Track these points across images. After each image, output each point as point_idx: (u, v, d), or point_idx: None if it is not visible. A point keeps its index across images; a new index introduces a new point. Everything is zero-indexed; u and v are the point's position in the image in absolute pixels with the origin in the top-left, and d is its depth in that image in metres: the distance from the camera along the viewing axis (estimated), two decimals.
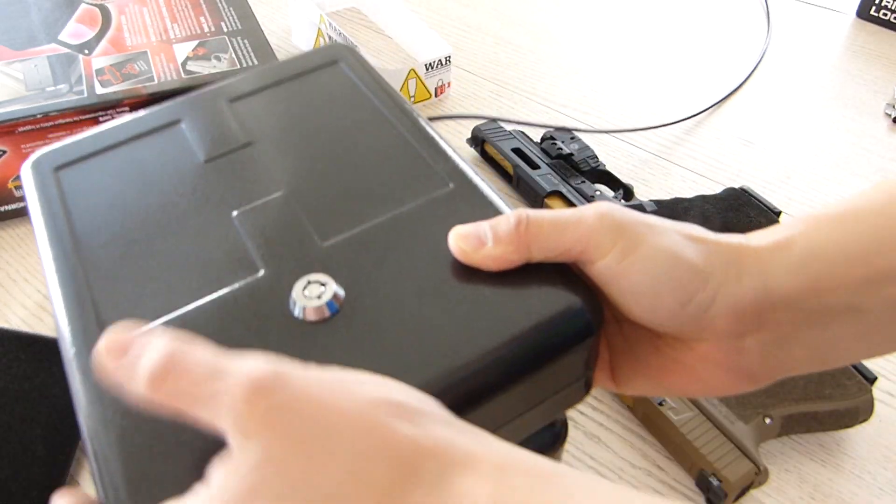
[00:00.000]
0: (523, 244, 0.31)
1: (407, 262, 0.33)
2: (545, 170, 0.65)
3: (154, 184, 0.39)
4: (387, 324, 0.31)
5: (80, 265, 0.35)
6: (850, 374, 0.47)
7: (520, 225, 0.31)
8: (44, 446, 0.44)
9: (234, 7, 0.74)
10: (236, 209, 0.37)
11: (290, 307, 0.32)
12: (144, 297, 0.33)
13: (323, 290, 0.32)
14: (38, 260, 0.59)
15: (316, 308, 0.31)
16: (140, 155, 0.41)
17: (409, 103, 0.43)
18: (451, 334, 0.30)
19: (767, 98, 0.80)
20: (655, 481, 0.46)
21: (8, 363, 0.47)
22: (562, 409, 0.35)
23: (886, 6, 0.90)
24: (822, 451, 0.48)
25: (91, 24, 0.69)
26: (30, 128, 0.58)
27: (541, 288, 0.32)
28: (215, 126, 0.42)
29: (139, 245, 0.36)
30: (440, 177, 0.38)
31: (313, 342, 0.30)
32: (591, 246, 0.30)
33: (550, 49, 0.88)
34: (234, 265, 0.34)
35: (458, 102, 0.78)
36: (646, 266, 0.30)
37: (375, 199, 0.37)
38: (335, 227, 0.36)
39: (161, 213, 0.37)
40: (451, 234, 0.33)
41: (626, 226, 0.30)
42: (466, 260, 0.32)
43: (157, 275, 0.34)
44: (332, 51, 0.47)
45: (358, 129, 0.41)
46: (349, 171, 0.39)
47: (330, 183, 0.38)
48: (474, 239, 0.32)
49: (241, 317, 0.32)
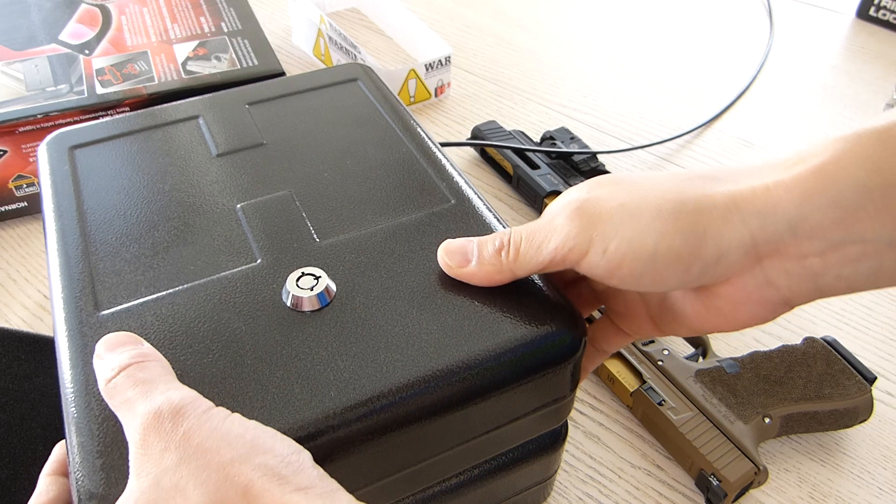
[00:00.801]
0: (505, 269, 0.32)
1: (400, 268, 0.34)
2: (545, 170, 0.65)
3: (165, 170, 0.40)
4: (373, 323, 0.32)
5: (83, 238, 0.36)
6: (849, 374, 0.47)
7: (502, 249, 0.32)
8: (44, 446, 0.44)
9: (234, 7, 0.74)
10: (241, 202, 0.38)
11: (282, 296, 0.33)
12: (142, 273, 0.34)
13: (316, 282, 0.33)
14: (40, 257, 0.59)
15: (307, 299, 0.32)
16: (155, 143, 0.42)
17: (419, 124, 0.44)
18: (434, 341, 0.31)
19: (768, 99, 0.80)
20: (655, 481, 0.46)
21: (8, 363, 0.47)
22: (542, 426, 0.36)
23: (886, 6, 0.90)
24: (822, 451, 0.48)
25: (91, 25, 0.69)
26: (30, 128, 0.58)
27: (525, 306, 0.32)
28: (231, 124, 0.43)
29: (143, 225, 0.37)
30: (442, 193, 0.39)
31: (300, 331, 0.31)
32: (568, 252, 0.30)
33: (550, 49, 0.88)
34: (232, 253, 0.35)
35: (458, 102, 0.78)
36: (633, 251, 0.29)
37: (377, 208, 0.38)
38: (334, 229, 0.36)
39: (168, 198, 0.38)
40: (440, 248, 0.34)
41: (598, 217, 0.30)
42: (451, 274, 0.33)
43: (157, 254, 0.35)
44: (352, 69, 0.49)
45: (368, 142, 0.43)
46: (355, 179, 0.40)
47: (334, 188, 0.39)
48: (459, 256, 0.33)
49: (233, 300, 0.32)
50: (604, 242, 0.30)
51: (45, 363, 0.47)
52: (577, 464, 0.47)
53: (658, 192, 0.30)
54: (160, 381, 0.27)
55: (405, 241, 0.36)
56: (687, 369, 0.48)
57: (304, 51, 0.84)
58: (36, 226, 0.62)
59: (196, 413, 0.25)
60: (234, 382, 0.29)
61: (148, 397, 0.26)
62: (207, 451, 0.24)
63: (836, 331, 0.56)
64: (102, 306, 0.32)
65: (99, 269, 0.34)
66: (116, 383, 0.27)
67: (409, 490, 0.34)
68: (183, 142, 0.42)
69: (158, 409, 0.25)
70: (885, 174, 0.26)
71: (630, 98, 0.80)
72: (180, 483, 0.23)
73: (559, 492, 0.46)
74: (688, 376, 0.48)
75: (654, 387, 0.48)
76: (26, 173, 0.60)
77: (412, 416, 0.29)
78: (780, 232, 0.28)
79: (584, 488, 0.46)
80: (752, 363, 0.48)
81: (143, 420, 0.25)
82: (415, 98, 0.77)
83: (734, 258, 0.29)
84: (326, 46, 0.79)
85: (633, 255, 0.29)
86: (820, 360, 0.48)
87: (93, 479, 0.27)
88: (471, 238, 0.34)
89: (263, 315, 0.32)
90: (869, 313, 0.57)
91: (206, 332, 0.31)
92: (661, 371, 0.48)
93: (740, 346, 0.54)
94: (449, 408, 0.30)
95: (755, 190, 0.28)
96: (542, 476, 0.40)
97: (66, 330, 0.32)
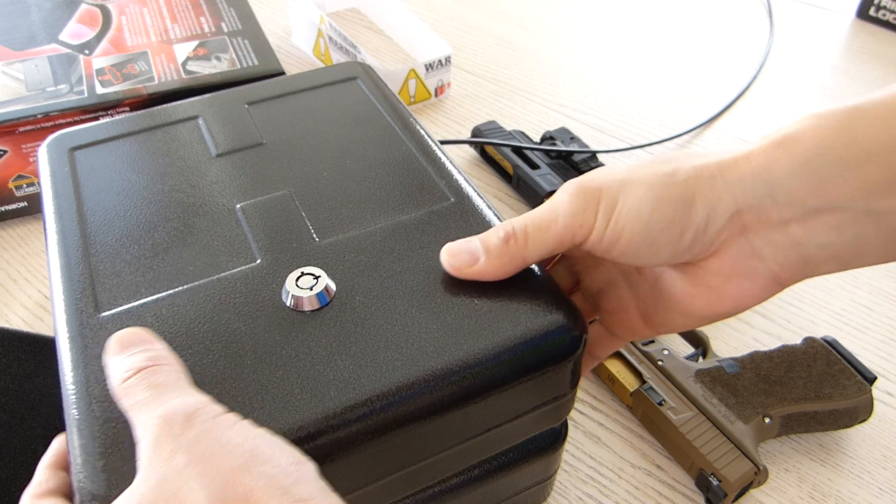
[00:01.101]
0: (517, 256, 0.32)
1: (400, 267, 0.34)
2: (545, 170, 0.65)
3: (165, 171, 0.40)
4: (373, 322, 0.32)
5: (83, 239, 0.36)
6: (849, 374, 0.47)
7: (508, 239, 0.32)
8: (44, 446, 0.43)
9: (234, 7, 0.74)
10: (241, 202, 0.38)
11: (281, 296, 0.33)
12: (142, 274, 0.34)
13: (315, 282, 0.33)
14: (40, 257, 0.59)
15: (307, 298, 0.32)
16: (155, 144, 0.42)
17: (419, 122, 0.44)
18: (434, 339, 0.31)
19: (768, 99, 0.80)
20: (655, 481, 0.46)
21: (8, 363, 0.47)
22: (542, 425, 0.36)
23: (886, 6, 0.90)
24: (822, 451, 0.48)
25: (91, 25, 0.69)
26: (30, 128, 0.58)
27: (527, 303, 0.32)
28: (230, 124, 0.43)
29: (143, 226, 0.37)
30: (442, 191, 0.39)
31: (300, 330, 0.31)
32: (576, 228, 0.31)
33: (550, 49, 0.88)
34: (232, 253, 0.35)
35: (458, 102, 0.78)
36: (630, 221, 0.31)
37: (376, 207, 0.38)
38: (333, 228, 0.36)
39: (168, 199, 0.38)
40: (442, 252, 0.34)
41: (600, 191, 0.31)
42: (460, 275, 0.33)
43: (156, 255, 0.35)
44: (351, 68, 0.49)
45: (368, 141, 0.42)
46: (355, 178, 0.40)
47: (334, 187, 0.39)
48: (465, 255, 0.33)
49: (233, 301, 0.32)
50: (606, 215, 0.31)
51: (45, 363, 0.47)
52: (577, 464, 0.47)
53: (651, 168, 0.31)
54: (174, 386, 0.27)
55: (405, 239, 0.36)
56: (687, 369, 0.48)
57: (304, 51, 0.84)
58: (36, 226, 0.62)
59: (205, 419, 0.25)
60: (233, 383, 0.29)
61: (161, 400, 0.26)
62: (212, 458, 0.24)
63: (836, 331, 0.56)
64: (103, 307, 0.33)
65: (99, 271, 0.34)
66: (130, 384, 0.27)
67: (409, 489, 0.34)
68: (182, 142, 0.42)
69: (171, 413, 0.25)
70: (859, 144, 0.28)
71: (630, 98, 0.80)
72: (186, 485, 0.23)
73: (559, 492, 0.46)
74: (688, 376, 0.48)
75: (654, 387, 0.48)
76: (26, 173, 0.60)
77: (413, 416, 0.29)
78: (760, 197, 0.29)
79: (584, 488, 0.46)
80: (752, 363, 0.48)
81: (156, 422, 0.25)
82: (415, 98, 0.77)
83: (720, 223, 0.30)
84: (326, 46, 0.79)
85: (632, 226, 0.31)
86: (820, 360, 0.48)
87: (94, 480, 0.27)
88: (470, 238, 0.34)
89: (263, 315, 0.32)
90: (869, 313, 0.57)
91: (206, 333, 0.31)
92: (661, 371, 0.48)
93: (740, 346, 0.54)
94: (449, 407, 0.30)
95: (737, 159, 0.30)
96: (542, 476, 0.40)
97: (67, 331, 0.32)
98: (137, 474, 0.25)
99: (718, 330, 0.55)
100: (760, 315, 0.57)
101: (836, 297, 0.59)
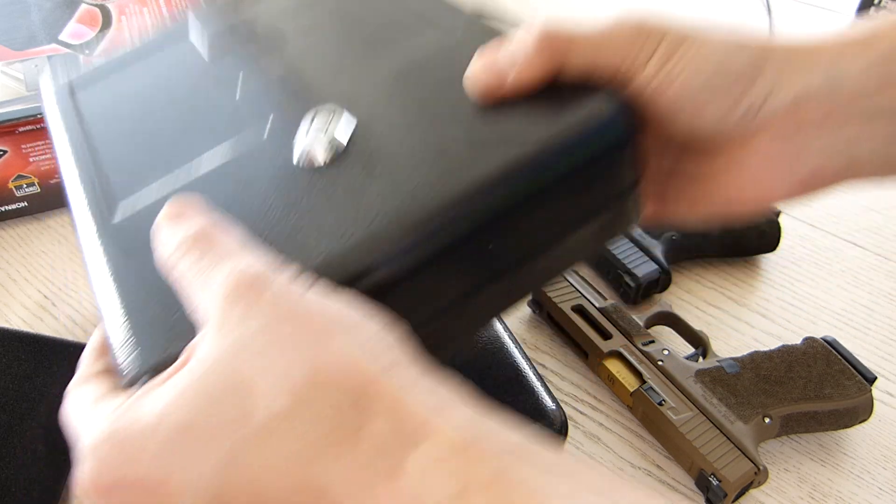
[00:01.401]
0: (557, 54, 0.29)
1: (422, 91, 0.31)
2: None
3: (164, 77, 0.40)
4: (403, 145, 0.29)
5: (86, 139, 0.37)
6: (849, 374, 0.47)
7: (544, 37, 0.29)
8: (44, 446, 0.44)
9: None
10: (243, 71, 0.37)
11: (293, 151, 0.31)
12: (150, 154, 0.34)
13: (332, 116, 0.31)
14: (40, 257, 0.59)
15: (326, 142, 0.30)
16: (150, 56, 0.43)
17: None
18: (470, 148, 0.27)
19: None
20: (655, 481, 0.46)
21: (8, 363, 0.47)
22: (609, 234, 0.32)
23: (886, 6, 0.90)
24: (822, 451, 0.48)
25: (91, 25, 0.69)
26: (30, 128, 0.58)
27: (566, 95, 0.29)
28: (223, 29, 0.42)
29: (147, 118, 0.37)
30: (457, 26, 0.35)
31: (322, 176, 0.29)
32: (630, 61, 0.28)
33: None
34: (242, 116, 0.34)
35: None
36: (688, 70, 0.28)
37: (387, 45, 0.35)
38: (342, 68, 0.34)
39: (171, 82, 0.39)
40: (468, 74, 0.30)
41: (663, 31, 0.29)
42: (498, 93, 0.29)
43: (165, 133, 0.35)
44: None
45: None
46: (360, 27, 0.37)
47: (336, 38, 0.37)
48: (498, 68, 0.29)
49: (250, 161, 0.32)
50: (663, 57, 0.28)
51: (45, 363, 0.47)
52: None
53: (719, 31, 0.30)
54: (238, 248, 0.25)
55: (423, 68, 0.33)
56: (687, 369, 0.48)
57: None
58: (36, 226, 0.62)
59: (281, 281, 0.23)
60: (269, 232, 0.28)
61: (223, 265, 0.23)
62: (293, 322, 0.22)
63: (836, 331, 0.56)
64: (119, 197, 0.33)
65: (110, 165, 0.35)
66: (183, 253, 0.25)
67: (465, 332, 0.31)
68: (175, 50, 0.42)
69: (238, 276, 0.23)
70: None
71: None
72: (266, 348, 0.21)
73: None
74: (688, 376, 0.48)
75: (654, 387, 0.48)
76: (26, 173, 0.60)
77: (460, 239, 0.26)
78: (828, 89, 0.28)
79: None
80: (752, 363, 0.48)
81: (219, 288, 0.23)
82: None
83: (777, 105, 0.28)
84: None
85: (687, 76, 0.28)
86: (820, 360, 0.48)
87: (142, 355, 0.26)
88: (491, 50, 0.30)
89: (280, 173, 0.30)
90: (869, 313, 0.57)
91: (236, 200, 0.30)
92: (661, 371, 0.48)
93: (740, 347, 0.54)
94: (500, 222, 0.27)
95: (811, 48, 0.28)
96: None
97: (89, 213, 0.32)
98: (199, 346, 0.23)
99: (718, 330, 0.55)
100: (760, 315, 0.57)
101: (836, 297, 0.59)
